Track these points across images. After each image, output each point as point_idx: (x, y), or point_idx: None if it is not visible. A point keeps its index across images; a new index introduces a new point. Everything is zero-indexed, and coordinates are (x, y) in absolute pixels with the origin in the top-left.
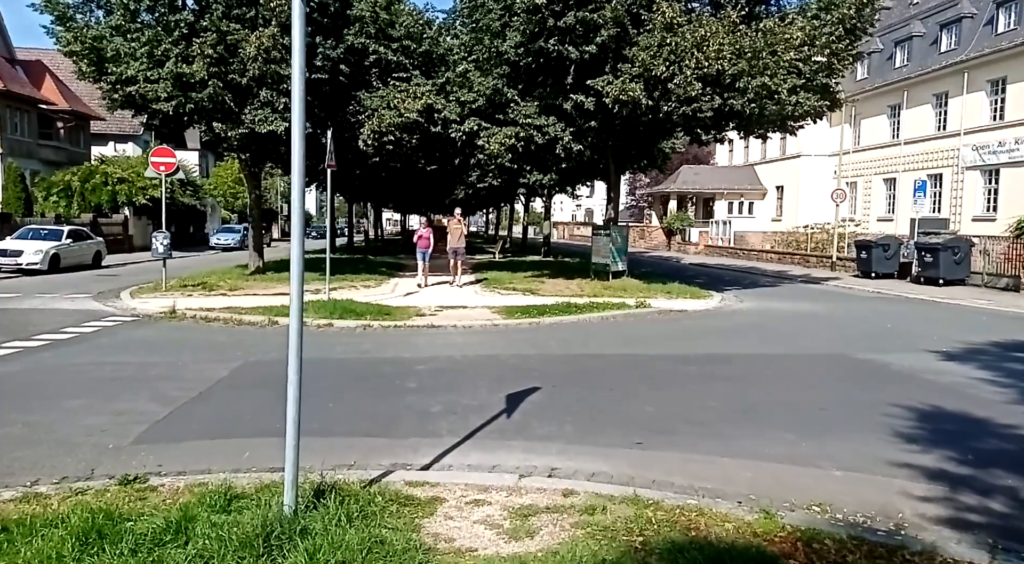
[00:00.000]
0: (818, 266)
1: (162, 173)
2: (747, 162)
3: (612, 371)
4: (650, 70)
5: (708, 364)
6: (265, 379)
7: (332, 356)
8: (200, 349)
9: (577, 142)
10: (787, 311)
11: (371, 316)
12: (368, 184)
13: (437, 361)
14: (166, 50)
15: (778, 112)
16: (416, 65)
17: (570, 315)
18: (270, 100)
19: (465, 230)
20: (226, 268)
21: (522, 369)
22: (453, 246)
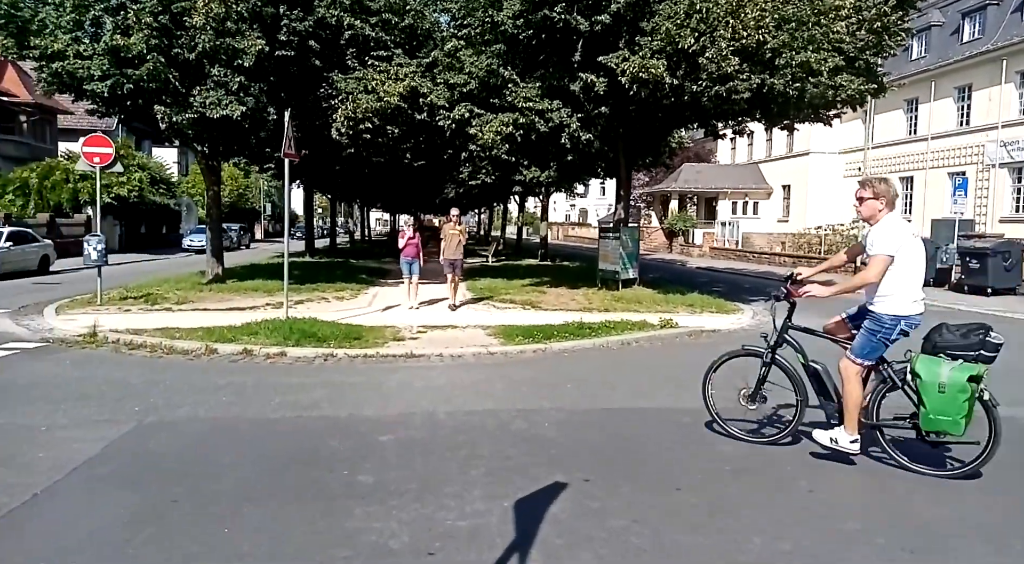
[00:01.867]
0: (839, 271)
1: (96, 165)
2: (751, 160)
3: (663, 443)
4: (675, 43)
5: None
6: (152, 465)
7: (263, 415)
8: (89, 399)
9: (586, 130)
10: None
11: (336, 341)
12: (351, 181)
13: (411, 424)
14: (97, 18)
15: (820, 95)
16: (398, 42)
17: (583, 338)
18: (223, 80)
19: (465, 236)
20: (183, 275)
21: (533, 440)
22: (450, 257)
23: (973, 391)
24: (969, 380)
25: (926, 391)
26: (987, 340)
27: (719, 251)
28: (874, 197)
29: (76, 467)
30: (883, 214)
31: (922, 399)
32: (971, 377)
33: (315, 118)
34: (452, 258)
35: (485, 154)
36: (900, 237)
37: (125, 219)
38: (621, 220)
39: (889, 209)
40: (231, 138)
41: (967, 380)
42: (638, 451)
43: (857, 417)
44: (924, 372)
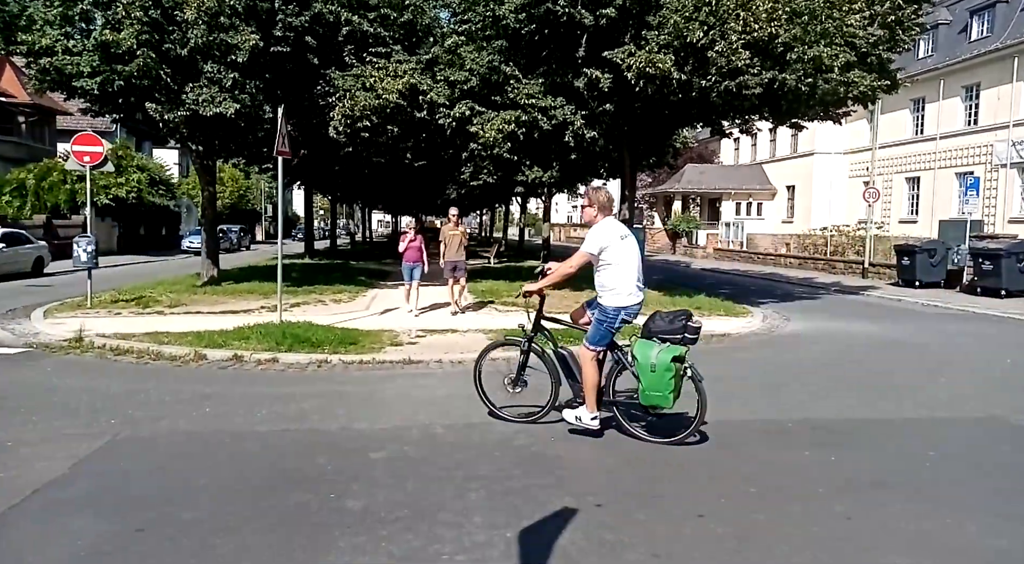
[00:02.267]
0: (846, 273)
1: (86, 165)
2: (755, 161)
3: (678, 459)
4: (683, 36)
5: (821, 443)
6: (121, 487)
7: (248, 429)
8: (64, 410)
9: (590, 128)
10: (853, 336)
11: (331, 346)
12: (351, 182)
13: (406, 439)
14: (86, 12)
15: (831, 91)
16: (397, 38)
17: None
18: (217, 76)
19: (466, 237)
20: (178, 277)
21: (538, 458)
22: (451, 259)
23: (677, 369)
24: (673, 360)
25: (642, 371)
26: (688, 325)
27: (723, 252)
28: (589, 204)
29: (37, 489)
30: (598, 218)
31: (639, 378)
32: (675, 357)
33: (312, 117)
34: (453, 260)
35: (486, 153)
36: (606, 238)
37: (124, 220)
38: (626, 221)
39: (604, 214)
40: (226, 137)
41: (671, 360)
42: (654, 471)
43: (595, 397)
44: (639, 354)
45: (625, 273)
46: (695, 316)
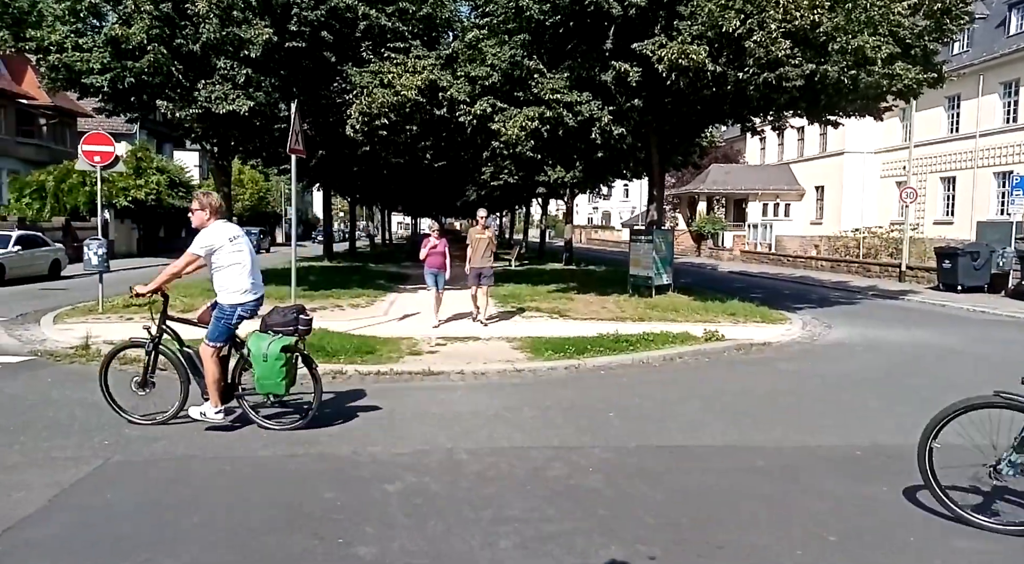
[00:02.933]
0: (882, 276)
1: (97, 165)
2: (782, 160)
3: (739, 496)
4: (719, 26)
5: (897, 474)
6: (102, 526)
7: (250, 453)
8: (56, 429)
9: (618, 124)
10: (903, 344)
11: (347, 356)
12: (369, 183)
13: (425, 467)
14: (95, 6)
15: (874, 85)
16: (415, 33)
17: (620, 353)
18: (230, 73)
19: (494, 242)
20: (194, 281)
21: (575, 493)
22: (478, 265)
23: (288, 358)
24: (283, 350)
25: (256, 361)
26: (300, 317)
27: (750, 255)
28: (200, 208)
29: (10, 527)
30: (210, 221)
31: (253, 368)
32: (284, 347)
33: (329, 115)
34: (480, 266)
35: (508, 152)
36: (214, 241)
37: (143, 222)
38: (654, 222)
39: (216, 217)
40: (241, 136)
41: (280, 350)
42: (710, 510)
43: (219, 391)
44: (253, 346)
45: (238, 273)
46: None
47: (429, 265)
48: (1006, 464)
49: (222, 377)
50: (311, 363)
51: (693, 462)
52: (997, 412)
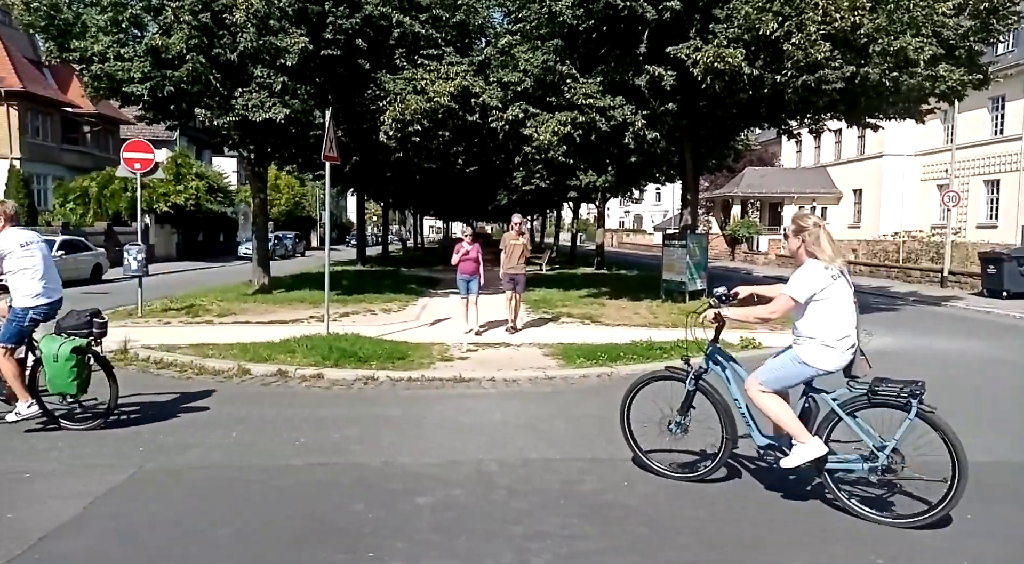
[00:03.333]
0: (922, 281)
1: (137, 172)
2: (818, 163)
3: (783, 517)
4: (756, 29)
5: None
6: (131, 538)
7: (283, 462)
8: (94, 434)
9: (651, 129)
10: (950, 354)
11: (379, 361)
12: (402, 188)
13: (455, 479)
14: (136, 18)
15: (917, 87)
16: (449, 40)
17: (654, 361)
18: (266, 81)
19: (528, 247)
20: (230, 285)
21: (611, 510)
22: (512, 271)
23: (79, 360)
24: (73, 351)
25: (47, 363)
26: (95, 321)
27: (786, 259)
28: None
29: (43, 537)
30: (3, 228)
31: (45, 369)
32: (75, 348)
33: (363, 122)
34: (514, 273)
35: (540, 157)
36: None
37: (183, 227)
38: (688, 226)
39: (9, 224)
40: (277, 143)
41: (71, 351)
42: (749, 526)
43: (22, 385)
44: (44, 348)
45: (28, 278)
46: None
47: (461, 271)
48: (674, 424)
49: (20, 375)
50: (107, 365)
51: (735, 477)
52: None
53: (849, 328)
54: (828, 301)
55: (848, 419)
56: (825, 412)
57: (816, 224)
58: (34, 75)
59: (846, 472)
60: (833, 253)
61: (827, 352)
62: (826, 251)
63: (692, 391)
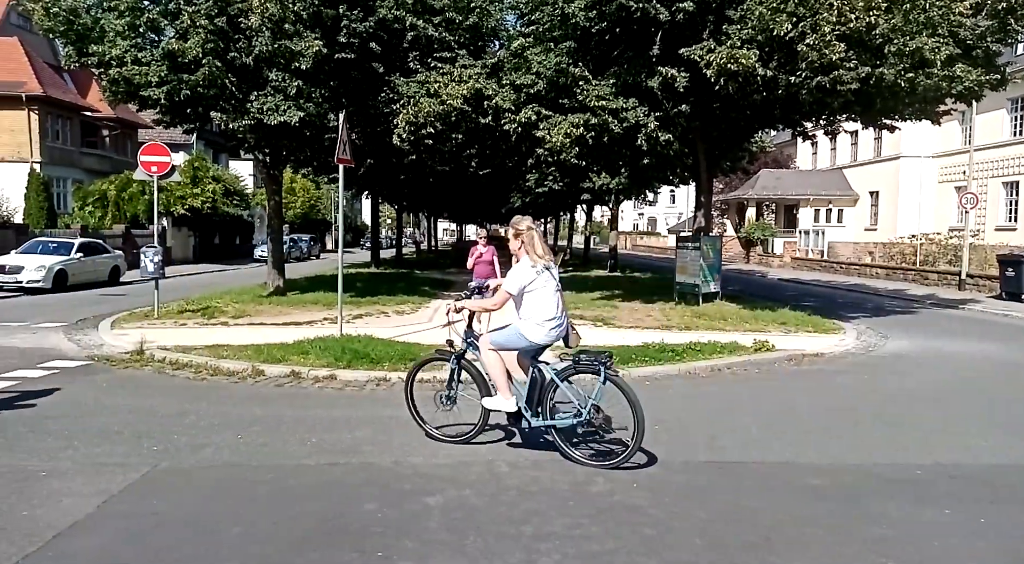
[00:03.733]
0: (940, 284)
1: (153, 175)
2: (834, 165)
3: (796, 518)
4: (769, 29)
5: (962, 496)
6: (141, 538)
7: (294, 462)
8: (107, 434)
9: (664, 130)
10: (966, 357)
11: (391, 363)
12: (416, 191)
13: (465, 479)
14: (153, 22)
15: (933, 88)
16: (462, 43)
17: (665, 363)
18: (281, 85)
19: None
20: (246, 287)
21: (620, 511)
22: None
23: None
24: None
25: None
26: None
27: (801, 261)
28: None
29: (57, 535)
30: None
31: None
32: None
33: (377, 125)
34: None
35: (553, 159)
36: None
37: (200, 230)
38: (701, 228)
39: None
40: (292, 146)
41: None
42: (756, 529)
43: None
44: None
45: None
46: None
47: (476, 275)
48: (444, 396)
49: None
50: None
51: (743, 480)
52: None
53: (553, 311)
54: (536, 292)
55: (562, 384)
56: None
57: (530, 228)
58: (55, 80)
59: (567, 428)
60: (542, 253)
61: (537, 329)
62: (537, 251)
63: (455, 368)
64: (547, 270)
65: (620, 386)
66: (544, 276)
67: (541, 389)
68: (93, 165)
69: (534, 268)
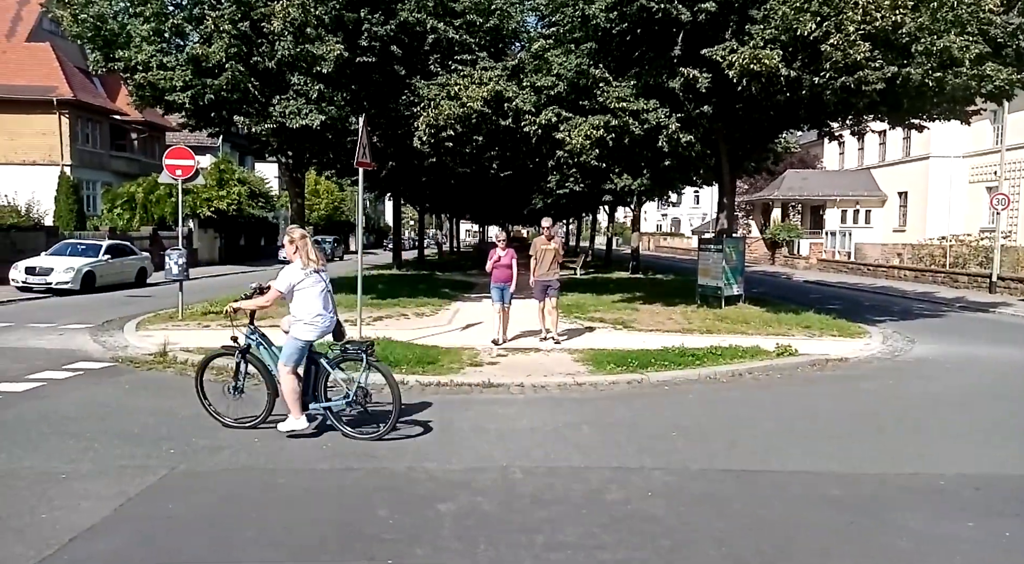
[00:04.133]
0: (970, 287)
1: (178, 178)
2: (862, 165)
3: (816, 530)
4: (793, 29)
5: (986, 509)
6: (156, 541)
7: (309, 465)
8: (127, 436)
9: (686, 132)
10: (994, 363)
11: (409, 366)
12: (438, 192)
13: (479, 486)
14: (177, 26)
15: (962, 87)
16: (482, 45)
17: (686, 368)
18: (303, 88)
19: (560, 253)
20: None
21: (634, 520)
22: (543, 278)
23: None
24: None
25: None
26: None
27: (828, 263)
28: None
29: (73, 538)
30: None
31: None
32: None
33: (398, 127)
34: (546, 280)
35: (573, 161)
36: None
37: (225, 231)
38: (724, 230)
39: None
40: (314, 149)
41: None
42: (778, 542)
43: None
44: None
45: None
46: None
47: (495, 278)
48: (232, 388)
49: None
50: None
51: (762, 489)
52: None
53: (320, 309)
54: (305, 290)
55: (334, 371)
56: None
57: (303, 237)
58: (85, 84)
59: (339, 408)
60: (314, 258)
61: (308, 328)
62: (309, 256)
63: (239, 362)
64: (317, 273)
65: (381, 370)
66: (313, 277)
67: (316, 377)
68: (122, 168)
69: (304, 270)
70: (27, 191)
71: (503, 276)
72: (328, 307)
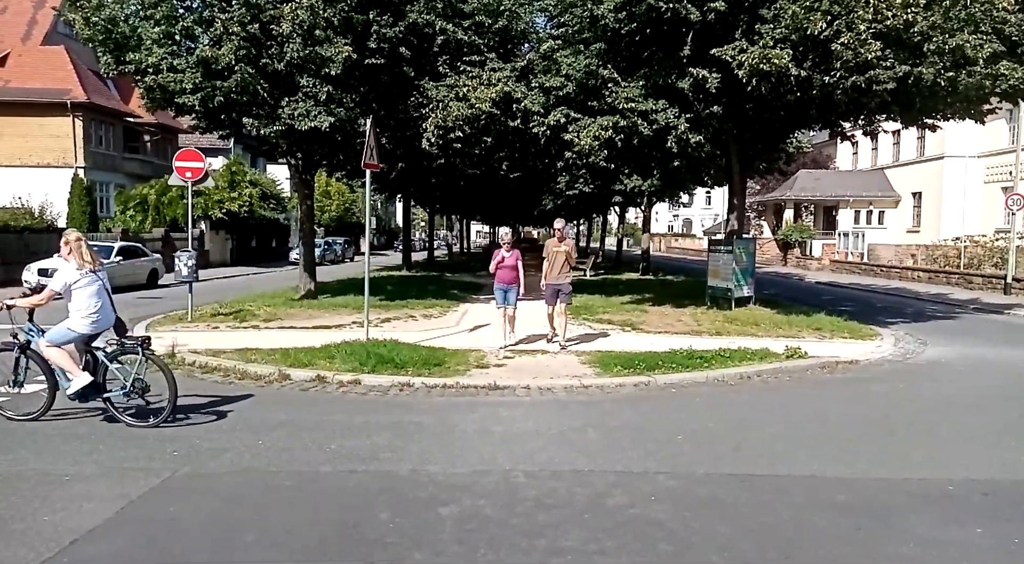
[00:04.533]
0: (985, 288)
1: (188, 180)
2: (875, 165)
3: (822, 536)
4: (803, 28)
5: (995, 514)
6: (157, 543)
7: (312, 468)
8: (131, 438)
9: (695, 132)
10: (1008, 365)
11: (415, 368)
12: (447, 193)
13: (481, 489)
14: (187, 29)
15: (975, 86)
16: (491, 46)
17: (693, 370)
18: (312, 90)
19: (572, 256)
20: (278, 290)
21: (637, 525)
22: (554, 282)
23: None
24: None
25: None
26: None
27: (840, 264)
28: None
29: (74, 540)
30: None
31: None
32: None
33: (407, 129)
34: (557, 283)
35: (582, 162)
36: None
37: (237, 233)
38: (734, 231)
39: None
40: (323, 151)
41: None
42: (784, 548)
43: None
44: None
45: None
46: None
47: (498, 280)
48: (12, 382)
49: None
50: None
51: (767, 493)
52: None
53: (94, 307)
54: (81, 290)
55: (111, 364)
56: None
57: (78, 239)
58: (98, 87)
59: (118, 399)
60: (89, 260)
61: (82, 321)
62: (84, 258)
63: (18, 357)
64: (93, 273)
65: (157, 363)
66: (89, 278)
67: (95, 369)
68: (135, 170)
69: (80, 270)
70: (40, 193)
71: (506, 277)
72: (105, 305)
